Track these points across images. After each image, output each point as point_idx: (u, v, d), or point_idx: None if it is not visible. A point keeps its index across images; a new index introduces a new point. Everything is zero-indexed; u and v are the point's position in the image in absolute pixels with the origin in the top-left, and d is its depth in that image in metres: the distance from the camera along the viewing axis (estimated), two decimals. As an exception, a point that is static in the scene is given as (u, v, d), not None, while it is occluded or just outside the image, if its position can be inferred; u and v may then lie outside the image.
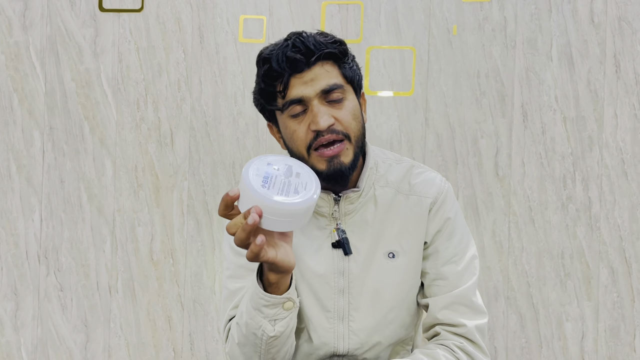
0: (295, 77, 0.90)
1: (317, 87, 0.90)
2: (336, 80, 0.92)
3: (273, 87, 0.92)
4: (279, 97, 0.92)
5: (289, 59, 0.90)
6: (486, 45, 1.66)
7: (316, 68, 0.91)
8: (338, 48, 0.93)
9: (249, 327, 0.89)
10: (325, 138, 0.90)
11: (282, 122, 0.94)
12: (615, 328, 1.63)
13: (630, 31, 1.63)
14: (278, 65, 0.90)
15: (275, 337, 0.89)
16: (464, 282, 0.97)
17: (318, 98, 0.91)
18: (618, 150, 1.63)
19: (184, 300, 1.72)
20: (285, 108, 0.92)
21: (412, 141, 1.68)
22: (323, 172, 0.91)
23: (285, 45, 0.91)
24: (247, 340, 0.91)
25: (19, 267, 1.74)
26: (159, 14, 1.73)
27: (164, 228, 1.72)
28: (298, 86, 0.90)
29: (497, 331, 1.66)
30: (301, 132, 0.91)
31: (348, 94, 0.94)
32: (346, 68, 0.94)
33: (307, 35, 0.92)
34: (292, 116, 0.92)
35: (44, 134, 1.74)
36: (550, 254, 1.64)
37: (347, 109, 0.92)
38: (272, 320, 0.88)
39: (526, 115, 1.66)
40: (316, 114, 0.90)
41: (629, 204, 1.62)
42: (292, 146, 0.94)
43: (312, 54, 0.90)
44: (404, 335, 1.01)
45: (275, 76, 0.91)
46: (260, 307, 0.88)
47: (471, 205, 1.66)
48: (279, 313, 0.88)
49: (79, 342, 1.73)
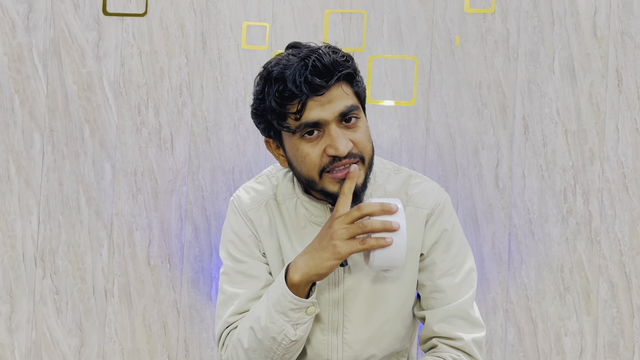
0: (313, 99, 0.87)
1: (336, 109, 0.88)
2: (352, 101, 0.90)
3: (285, 108, 0.88)
4: (291, 118, 0.88)
5: (308, 81, 0.86)
6: (488, 57, 1.66)
7: (334, 89, 0.88)
8: (351, 66, 0.91)
9: (269, 331, 0.88)
10: (342, 162, 0.88)
11: (290, 143, 0.91)
12: (615, 344, 1.61)
13: (633, 45, 1.62)
14: (295, 86, 0.86)
15: (295, 341, 0.89)
16: (461, 295, 0.96)
17: (336, 122, 0.88)
18: (619, 164, 1.63)
19: (180, 306, 1.71)
20: (299, 130, 0.88)
21: (412, 151, 1.68)
22: (335, 194, 0.89)
23: (303, 65, 0.87)
24: (260, 345, 0.90)
25: (15, 269, 1.73)
26: (163, 18, 1.73)
27: (161, 233, 1.72)
28: (315, 109, 0.87)
29: (495, 345, 1.65)
30: (314, 156, 0.89)
31: (361, 114, 0.92)
32: (358, 86, 0.93)
33: (323, 53, 0.88)
34: (304, 137, 0.89)
35: (44, 136, 1.74)
36: (549, 268, 1.63)
37: (362, 130, 0.91)
38: (294, 325, 0.88)
39: (527, 127, 1.65)
40: (334, 139, 0.87)
41: (630, 219, 1.61)
42: (301, 168, 0.91)
43: (331, 76, 0.87)
44: (399, 347, 1.00)
45: (289, 97, 0.87)
46: (287, 310, 0.87)
47: (471, 216, 1.66)
48: (302, 317, 0.88)
49: (74, 346, 1.72)
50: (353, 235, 0.82)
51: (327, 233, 0.84)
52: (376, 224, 0.82)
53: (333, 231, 0.83)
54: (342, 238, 0.83)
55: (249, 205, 1.00)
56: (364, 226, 0.82)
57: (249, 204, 1.00)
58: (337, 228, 0.83)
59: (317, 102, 0.87)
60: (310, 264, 0.85)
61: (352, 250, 0.82)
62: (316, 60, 0.87)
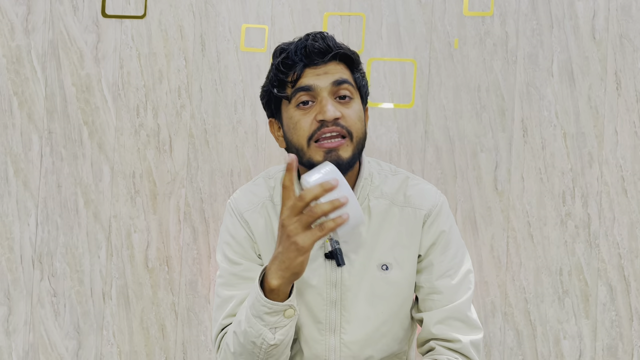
0: (310, 68, 0.93)
1: (330, 79, 0.93)
2: (348, 77, 0.95)
3: (285, 76, 0.94)
4: (289, 86, 0.94)
5: (307, 50, 0.93)
6: (487, 60, 1.66)
7: (331, 65, 0.94)
8: (353, 55, 0.97)
9: (248, 335, 0.88)
10: (328, 129, 0.91)
11: (286, 114, 0.95)
12: (613, 347, 1.61)
13: (631, 48, 1.63)
14: (295, 54, 0.93)
15: (275, 345, 0.88)
16: (458, 296, 0.96)
17: (328, 91, 0.93)
18: (618, 167, 1.62)
19: (178, 309, 1.70)
20: (293, 95, 0.93)
21: (411, 153, 1.68)
22: (320, 163, 0.90)
23: (306, 38, 0.95)
24: (244, 349, 0.90)
25: (13, 271, 1.73)
26: (162, 21, 1.73)
27: (160, 235, 1.71)
28: (310, 76, 0.93)
29: (494, 347, 1.64)
30: (305, 123, 0.93)
31: (356, 97, 0.96)
32: (357, 75, 0.97)
33: (327, 36, 0.96)
34: (299, 106, 0.93)
35: (43, 138, 1.74)
36: (548, 270, 1.63)
37: (354, 109, 0.95)
38: (272, 328, 0.87)
39: (526, 130, 1.65)
40: (324, 105, 0.92)
41: (629, 222, 1.61)
42: (292, 137, 0.94)
43: (329, 50, 0.94)
44: (397, 349, 1.00)
45: (290, 65, 0.94)
46: (262, 314, 0.87)
47: (469, 219, 1.65)
48: (280, 321, 0.87)
49: (71, 349, 1.71)
50: (307, 225, 0.82)
51: (284, 233, 0.84)
52: (325, 207, 0.81)
53: (287, 230, 0.83)
54: (298, 232, 0.82)
55: (245, 206, 1.00)
56: (314, 213, 0.81)
57: (245, 205, 1.00)
58: (288, 224, 0.83)
59: (313, 71, 0.94)
60: (282, 267, 0.85)
61: (314, 240, 0.82)
62: (318, 37, 0.95)
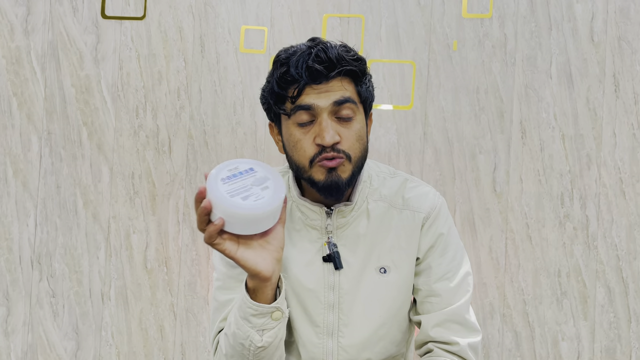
0: (311, 87, 0.90)
1: (331, 99, 0.90)
2: (351, 94, 0.92)
3: (285, 91, 0.91)
4: (289, 101, 0.91)
5: (309, 68, 0.89)
6: (486, 62, 1.66)
7: (333, 82, 0.90)
8: (359, 66, 0.92)
9: (237, 337, 0.89)
10: (329, 155, 0.90)
11: (286, 128, 0.94)
12: (612, 349, 1.61)
13: (630, 51, 1.63)
14: (296, 71, 0.89)
15: (263, 347, 0.88)
16: (457, 299, 0.96)
17: (328, 112, 0.90)
18: (616, 169, 1.63)
19: (176, 310, 1.70)
20: (293, 113, 0.91)
21: (410, 155, 1.68)
22: (320, 183, 0.90)
23: (308, 52, 0.90)
24: (234, 352, 0.90)
25: (12, 272, 1.73)
26: (161, 22, 1.74)
27: (159, 236, 1.71)
28: (311, 95, 0.90)
29: (492, 349, 1.64)
30: (306, 144, 0.91)
31: (357, 114, 0.93)
32: (362, 87, 0.94)
33: (331, 47, 0.91)
34: (299, 125, 0.91)
35: (42, 139, 1.74)
36: (546, 272, 1.63)
37: (354, 129, 0.92)
38: (260, 330, 0.87)
39: (525, 132, 1.65)
40: (323, 129, 0.89)
41: (627, 224, 1.62)
42: (293, 155, 0.93)
43: (333, 67, 0.89)
44: (395, 352, 1.00)
45: (290, 81, 0.90)
46: (248, 316, 0.87)
47: (468, 221, 1.66)
48: (267, 323, 0.87)
49: (70, 349, 1.71)
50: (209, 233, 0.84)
51: None
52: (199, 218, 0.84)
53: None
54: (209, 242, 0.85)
55: None
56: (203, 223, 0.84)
57: None
58: None
59: (314, 90, 0.90)
60: None
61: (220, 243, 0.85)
62: (321, 51, 0.89)
